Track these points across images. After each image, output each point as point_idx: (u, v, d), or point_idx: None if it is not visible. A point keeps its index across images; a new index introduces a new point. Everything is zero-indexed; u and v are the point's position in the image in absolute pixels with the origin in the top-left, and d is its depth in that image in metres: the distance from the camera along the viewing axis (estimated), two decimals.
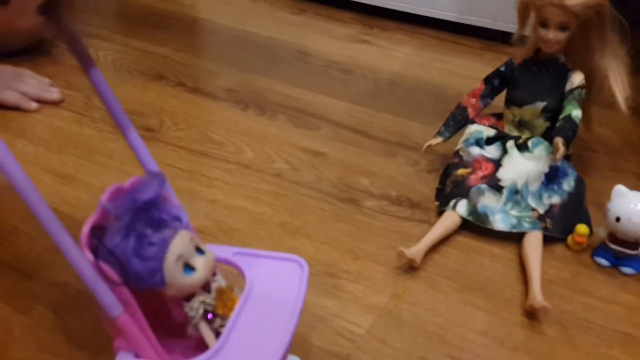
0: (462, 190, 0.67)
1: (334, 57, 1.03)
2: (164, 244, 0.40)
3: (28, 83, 0.87)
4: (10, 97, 0.85)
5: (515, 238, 0.65)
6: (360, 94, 0.93)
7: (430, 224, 0.66)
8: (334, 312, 0.57)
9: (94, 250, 0.39)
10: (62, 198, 0.69)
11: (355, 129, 0.85)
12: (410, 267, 0.62)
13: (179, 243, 0.41)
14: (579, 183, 0.69)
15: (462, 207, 0.66)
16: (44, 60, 0.96)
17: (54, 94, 0.87)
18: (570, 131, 0.65)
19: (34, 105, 0.85)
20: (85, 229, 0.40)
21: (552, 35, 0.65)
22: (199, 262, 0.42)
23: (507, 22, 1.04)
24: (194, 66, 0.98)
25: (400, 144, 0.82)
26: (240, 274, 0.47)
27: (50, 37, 1.01)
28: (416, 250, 0.61)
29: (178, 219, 0.42)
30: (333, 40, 1.09)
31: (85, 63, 0.44)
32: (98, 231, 0.40)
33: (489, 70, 0.74)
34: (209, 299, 0.43)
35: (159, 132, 0.82)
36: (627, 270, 0.63)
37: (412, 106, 0.90)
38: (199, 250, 0.43)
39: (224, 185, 0.73)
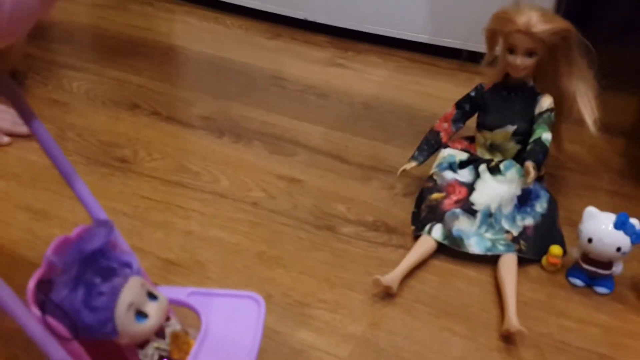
0: (436, 214, 0.68)
1: (310, 82, 1.03)
2: (115, 293, 0.39)
3: (0, 117, 0.86)
4: None
5: (490, 260, 0.65)
6: (336, 119, 0.93)
7: (407, 248, 0.67)
8: (311, 343, 0.56)
9: (41, 306, 0.38)
10: (36, 235, 0.68)
11: (331, 154, 0.85)
12: (387, 294, 0.62)
13: (130, 291, 0.40)
14: (552, 204, 0.70)
15: (437, 231, 0.66)
16: None
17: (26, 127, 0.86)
18: (540, 154, 0.66)
19: (6, 139, 0.84)
20: (31, 284, 0.39)
21: (520, 61, 0.66)
22: (151, 308, 0.41)
23: (479, 43, 1.05)
24: (169, 94, 0.98)
25: (376, 168, 0.82)
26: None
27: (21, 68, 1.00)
28: (392, 277, 0.61)
29: (128, 265, 0.41)
30: (309, 64, 1.10)
31: (26, 115, 0.44)
32: (45, 285, 0.39)
33: (462, 91, 0.75)
34: (163, 344, 0.42)
35: (133, 163, 0.81)
36: (601, 290, 0.63)
37: (387, 130, 0.91)
38: (151, 296, 0.42)
39: (200, 216, 0.72)
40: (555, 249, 0.65)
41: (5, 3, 0.34)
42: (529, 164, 0.64)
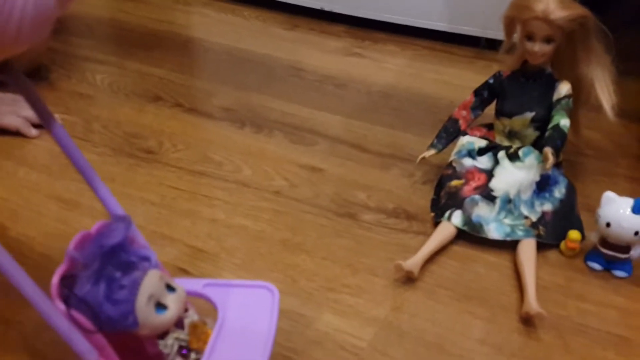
0: (456, 201, 0.69)
1: (328, 72, 1.05)
2: (135, 286, 0.41)
3: (28, 108, 0.89)
4: (12, 122, 0.86)
5: (509, 246, 0.67)
6: (355, 108, 0.95)
7: (427, 235, 0.68)
8: (336, 326, 0.58)
9: (65, 300, 0.40)
10: (68, 224, 0.70)
11: (351, 143, 0.86)
12: (409, 279, 0.63)
13: (149, 283, 0.42)
14: (570, 190, 0.71)
15: (457, 217, 0.68)
16: (42, 87, 0.98)
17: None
18: (559, 140, 0.67)
19: (34, 131, 0.86)
20: (55, 280, 0.40)
21: (538, 48, 0.67)
22: (170, 299, 0.43)
23: (497, 31, 1.06)
24: (190, 86, 1.00)
25: (395, 156, 0.84)
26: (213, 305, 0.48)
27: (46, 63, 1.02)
28: (413, 262, 0.62)
29: (146, 259, 0.43)
30: (326, 54, 1.11)
31: (46, 119, 0.45)
32: (68, 280, 0.41)
33: (480, 78, 0.76)
34: (182, 334, 0.44)
35: (158, 154, 0.83)
36: (619, 273, 0.64)
37: (406, 118, 0.92)
38: (170, 288, 0.44)
39: (224, 205, 0.74)
40: (574, 234, 0.66)
41: (21, 9, 0.35)
42: (548, 150, 0.65)
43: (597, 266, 0.65)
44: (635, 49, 1.12)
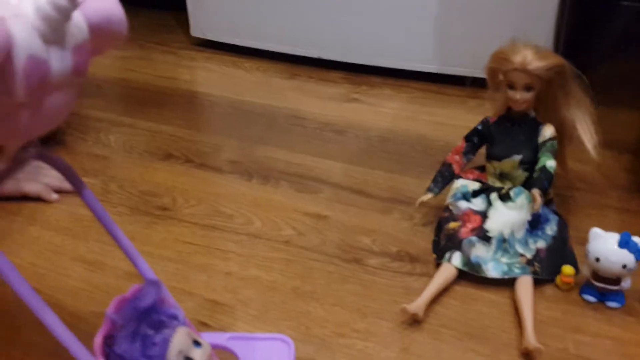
0: (454, 243, 0.73)
1: (328, 119, 1.10)
2: (166, 343, 0.47)
3: (48, 175, 0.94)
4: (33, 188, 0.92)
5: (508, 283, 0.71)
6: (355, 154, 1.00)
7: (430, 276, 0.72)
8: None
9: (107, 357, 0.46)
10: (93, 285, 0.75)
11: (353, 189, 0.91)
12: (415, 321, 0.67)
13: (178, 340, 0.48)
14: (562, 226, 0.75)
15: (456, 259, 0.72)
16: (59, 150, 1.03)
17: None
18: (545, 181, 0.71)
19: (55, 196, 0.91)
20: (98, 340, 0.47)
21: (520, 96, 0.72)
22: (197, 354, 0.49)
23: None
24: (198, 141, 1.06)
25: (395, 199, 0.88)
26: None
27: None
28: (418, 305, 0.67)
29: (175, 317, 0.49)
30: (325, 101, 1.17)
31: (77, 185, 0.51)
32: (108, 339, 0.47)
33: (472, 118, 0.81)
34: None
35: (173, 210, 0.88)
36: (612, 304, 0.68)
37: (404, 161, 0.97)
38: (197, 343, 0.49)
39: (237, 257, 0.79)
40: (567, 269, 0.70)
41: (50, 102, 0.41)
42: (536, 192, 0.70)
43: (591, 298, 0.69)
44: (620, 79, 1.17)
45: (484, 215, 0.75)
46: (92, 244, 0.82)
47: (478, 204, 0.76)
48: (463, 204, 0.77)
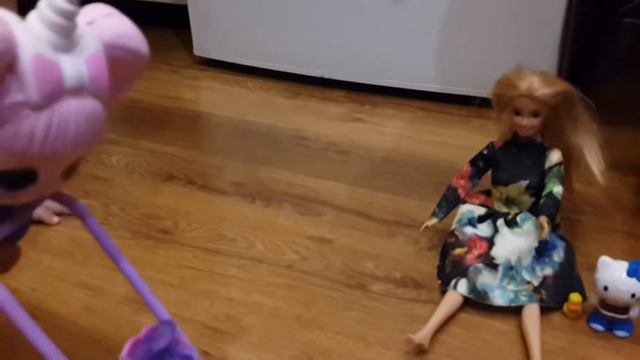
0: (460, 269, 0.72)
1: (331, 139, 1.10)
2: None
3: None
4: (35, 211, 0.91)
5: (514, 311, 0.70)
6: (359, 175, 0.99)
7: (435, 303, 0.71)
8: None
9: None
10: (93, 311, 0.74)
11: (356, 212, 0.90)
12: (420, 351, 0.66)
13: None
14: (569, 252, 0.74)
15: (462, 286, 0.71)
16: None
17: None
18: (552, 208, 0.70)
19: (56, 219, 0.91)
20: None
21: (526, 122, 0.72)
22: None
23: (490, 89, 1.11)
24: (201, 163, 1.05)
25: (399, 222, 0.87)
26: None
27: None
28: (423, 335, 0.66)
29: (189, 358, 0.48)
30: (328, 121, 1.17)
31: (83, 215, 0.51)
32: None
33: (476, 138, 0.81)
34: None
35: (175, 234, 0.88)
36: (620, 333, 0.67)
37: (408, 183, 0.97)
38: None
39: (240, 282, 0.78)
40: (575, 297, 0.69)
41: (75, 127, 0.41)
42: (543, 220, 0.69)
43: (599, 327, 0.68)
44: (627, 100, 1.17)
45: (490, 241, 0.74)
46: (94, 268, 0.81)
47: (484, 229, 0.75)
48: (469, 230, 0.76)
